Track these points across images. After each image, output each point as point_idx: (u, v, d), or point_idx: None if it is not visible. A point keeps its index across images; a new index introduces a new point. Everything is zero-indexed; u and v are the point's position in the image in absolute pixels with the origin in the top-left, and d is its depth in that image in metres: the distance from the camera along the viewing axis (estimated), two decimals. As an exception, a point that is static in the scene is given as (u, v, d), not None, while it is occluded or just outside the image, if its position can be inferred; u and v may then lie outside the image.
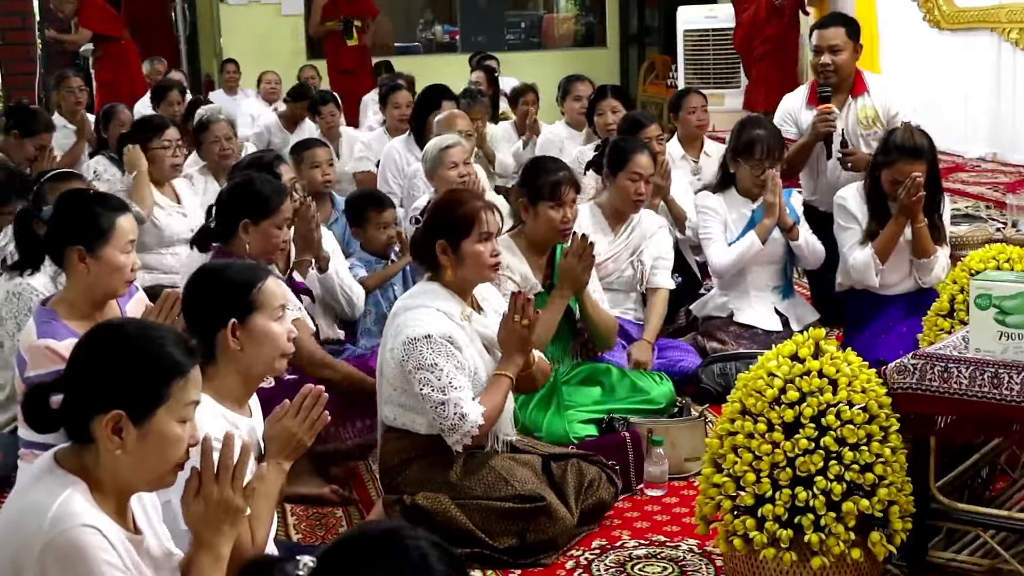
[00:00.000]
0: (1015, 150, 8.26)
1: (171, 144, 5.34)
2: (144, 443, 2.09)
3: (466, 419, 3.35)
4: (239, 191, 4.02)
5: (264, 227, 3.91)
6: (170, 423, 2.11)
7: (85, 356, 2.15)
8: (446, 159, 5.14)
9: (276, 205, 3.93)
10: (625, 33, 14.07)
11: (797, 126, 5.37)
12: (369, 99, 9.91)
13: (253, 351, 2.71)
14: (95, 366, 2.12)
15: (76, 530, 1.98)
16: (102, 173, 6.59)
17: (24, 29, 9.86)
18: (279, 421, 2.66)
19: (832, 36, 5.24)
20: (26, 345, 3.23)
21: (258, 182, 4.04)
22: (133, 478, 2.12)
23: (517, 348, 3.50)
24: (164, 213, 5.28)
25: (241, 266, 2.84)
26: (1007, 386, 2.81)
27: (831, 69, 5.22)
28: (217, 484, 2.21)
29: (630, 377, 4.32)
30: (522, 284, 4.16)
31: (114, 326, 2.24)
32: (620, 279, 4.80)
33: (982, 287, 2.91)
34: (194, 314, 2.78)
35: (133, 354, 2.11)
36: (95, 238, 3.26)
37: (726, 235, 4.96)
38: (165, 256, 5.25)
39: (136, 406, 2.08)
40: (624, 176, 4.67)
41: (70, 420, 2.11)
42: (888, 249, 4.57)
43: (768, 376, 2.95)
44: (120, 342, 2.14)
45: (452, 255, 3.48)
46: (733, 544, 2.94)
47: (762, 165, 4.86)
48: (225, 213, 3.97)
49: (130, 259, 3.32)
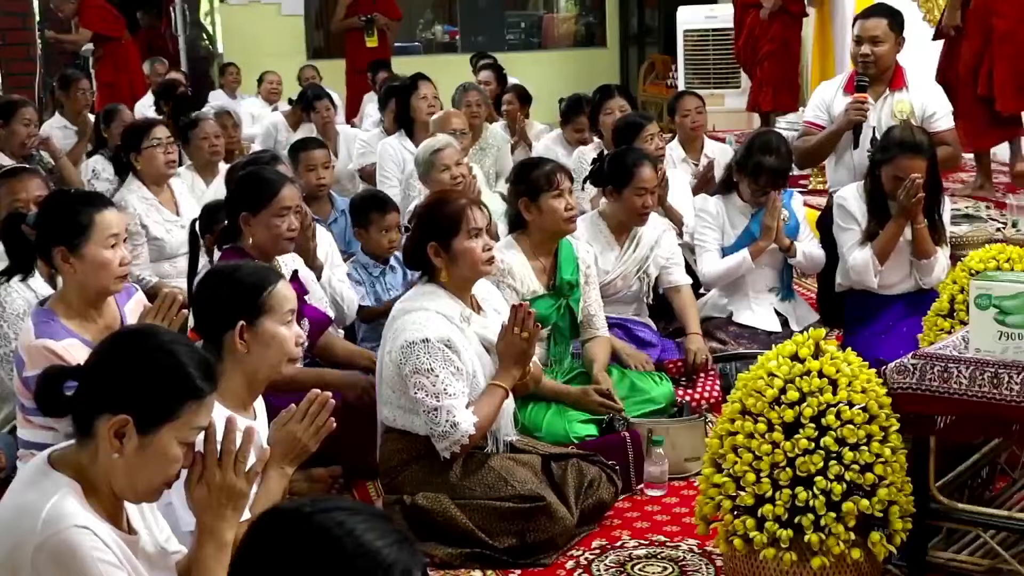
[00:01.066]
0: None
1: (161, 142, 5.31)
2: (142, 454, 2.08)
3: (457, 428, 3.35)
4: (235, 185, 4.02)
5: (263, 218, 3.88)
6: (172, 442, 2.10)
7: (109, 353, 2.15)
8: (438, 162, 5.14)
9: (272, 193, 3.88)
10: (625, 33, 14.08)
11: (829, 114, 5.30)
12: (368, 99, 9.93)
13: (259, 354, 2.71)
14: (117, 365, 2.11)
15: (69, 531, 1.98)
16: (100, 172, 6.62)
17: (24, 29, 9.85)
18: (284, 426, 2.66)
19: (873, 27, 5.17)
20: (24, 345, 3.23)
21: (253, 174, 4.03)
22: (122, 484, 2.11)
23: (515, 361, 3.49)
24: (162, 229, 5.25)
25: (252, 268, 2.83)
26: (1007, 386, 2.81)
27: (871, 60, 5.14)
28: (220, 468, 2.21)
29: (630, 377, 4.32)
30: (521, 288, 4.14)
31: (147, 332, 2.22)
32: (628, 294, 4.78)
33: (982, 287, 2.90)
34: (203, 314, 2.77)
35: (156, 364, 2.10)
36: (76, 236, 3.24)
37: (722, 240, 4.94)
38: (163, 266, 5.26)
39: (145, 415, 2.07)
40: (630, 192, 4.60)
41: (79, 411, 2.11)
42: (888, 250, 4.56)
43: (768, 376, 2.95)
44: (147, 349, 2.13)
45: (445, 255, 3.48)
46: (733, 544, 2.94)
47: (765, 191, 4.85)
48: (229, 210, 3.97)
49: (116, 254, 3.28)
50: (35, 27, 10.23)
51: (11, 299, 3.69)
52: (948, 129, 5.18)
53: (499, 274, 4.06)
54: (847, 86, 5.29)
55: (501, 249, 4.14)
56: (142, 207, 5.24)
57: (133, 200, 5.23)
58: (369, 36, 11.01)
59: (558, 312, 4.22)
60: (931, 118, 5.12)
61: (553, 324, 4.22)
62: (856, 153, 5.18)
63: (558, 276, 4.23)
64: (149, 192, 5.30)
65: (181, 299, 3.30)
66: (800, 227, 5.00)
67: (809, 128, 5.41)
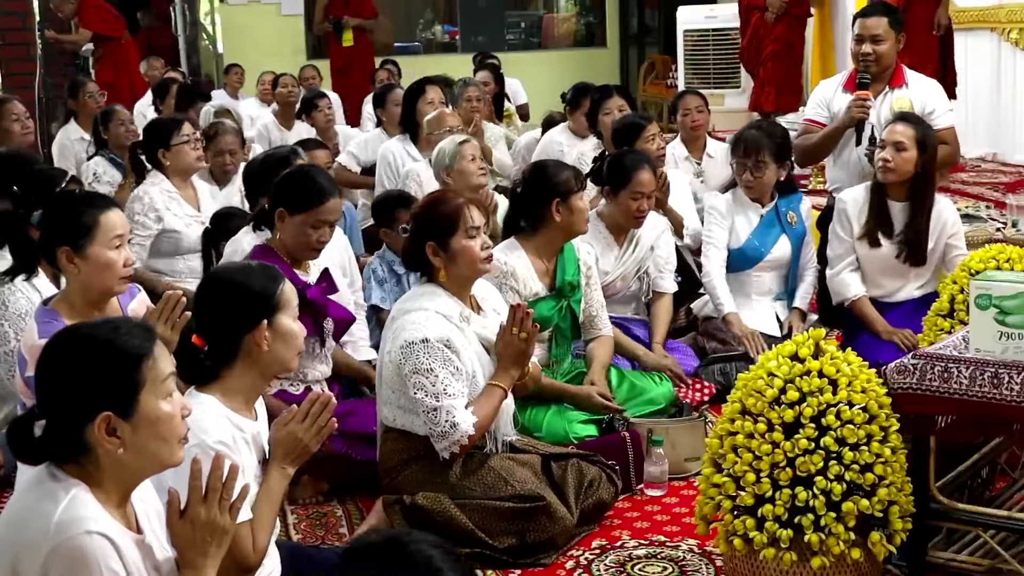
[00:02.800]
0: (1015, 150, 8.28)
1: (190, 138, 5.31)
2: (139, 432, 2.08)
3: (457, 428, 3.35)
4: (288, 179, 3.97)
5: (297, 221, 3.85)
6: (156, 403, 2.10)
7: (48, 376, 2.12)
8: (464, 152, 5.15)
9: (318, 202, 3.84)
10: (625, 33, 14.09)
11: (830, 111, 5.31)
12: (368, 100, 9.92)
13: (277, 350, 2.72)
14: (63, 381, 2.09)
15: (82, 537, 1.98)
16: (102, 175, 6.56)
17: (24, 29, 9.85)
18: (286, 426, 2.66)
19: (874, 25, 5.18)
20: (27, 345, 3.24)
21: (308, 174, 3.97)
22: (142, 467, 2.11)
23: (514, 361, 3.50)
24: (182, 223, 5.22)
25: (261, 269, 2.83)
26: (1007, 386, 2.81)
27: (872, 58, 5.15)
28: (205, 505, 2.20)
29: (629, 378, 4.32)
30: (524, 290, 4.15)
31: (64, 337, 2.18)
32: (627, 295, 4.80)
33: (982, 287, 2.91)
34: (215, 318, 2.75)
35: (93, 354, 2.09)
36: (80, 236, 3.26)
37: (730, 239, 4.95)
38: (177, 262, 5.23)
39: (117, 401, 2.07)
40: (626, 195, 4.62)
41: (62, 440, 2.08)
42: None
43: (768, 376, 2.96)
44: (77, 348, 2.11)
45: (443, 255, 3.48)
46: (733, 544, 2.94)
47: (744, 163, 4.87)
48: (273, 197, 3.94)
49: (120, 255, 3.30)
50: (35, 27, 10.22)
51: (15, 298, 3.70)
52: (947, 127, 5.18)
53: (502, 276, 4.06)
54: (847, 84, 5.29)
55: (504, 251, 4.15)
56: (163, 199, 5.20)
57: (154, 192, 5.19)
58: (339, 37, 11.11)
59: (560, 313, 4.22)
60: (930, 115, 5.11)
61: (555, 325, 4.23)
62: (858, 151, 5.18)
63: (560, 277, 4.23)
64: (172, 186, 5.27)
65: (185, 301, 3.31)
66: (806, 235, 5.00)
67: (809, 126, 5.40)
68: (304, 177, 3.95)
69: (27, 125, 6.55)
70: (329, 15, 11.26)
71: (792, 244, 4.94)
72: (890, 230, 4.58)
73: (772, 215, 4.94)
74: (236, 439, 2.60)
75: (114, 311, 3.41)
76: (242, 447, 2.61)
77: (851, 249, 4.66)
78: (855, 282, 4.66)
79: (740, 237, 4.94)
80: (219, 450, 2.43)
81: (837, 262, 4.69)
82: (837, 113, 5.23)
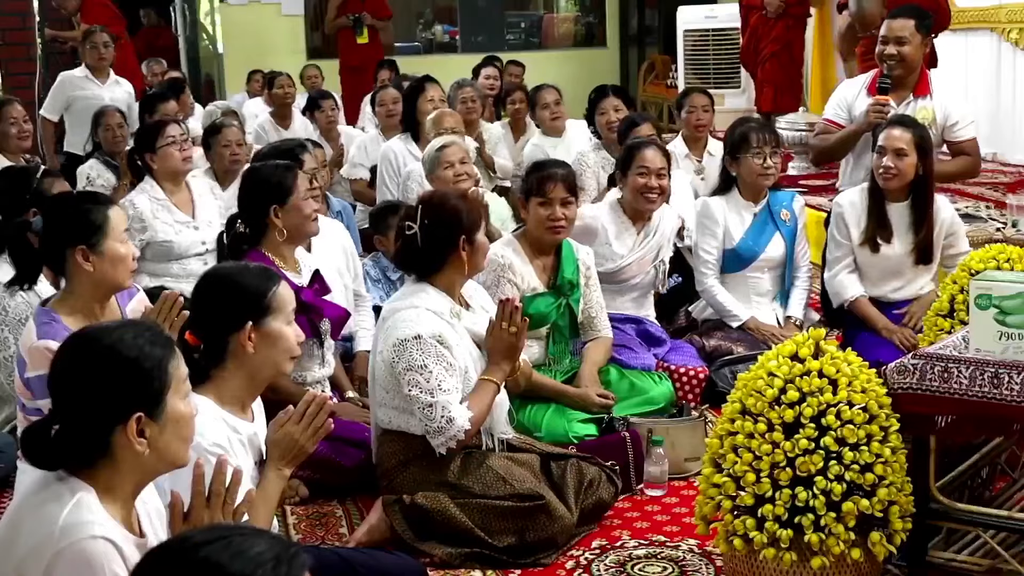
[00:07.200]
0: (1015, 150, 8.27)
1: (176, 139, 5.20)
2: (165, 432, 2.09)
3: (453, 423, 3.36)
4: (256, 182, 4.02)
5: (293, 203, 3.94)
6: (178, 403, 2.11)
7: (74, 380, 2.08)
8: (442, 159, 5.14)
9: (292, 180, 3.97)
10: (625, 33, 14.08)
11: (850, 113, 5.28)
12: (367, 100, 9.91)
13: (265, 354, 2.71)
14: (92, 385, 2.06)
15: (87, 541, 1.97)
16: (95, 179, 6.46)
17: (24, 29, 9.86)
18: (282, 427, 2.66)
19: (900, 27, 5.14)
20: (26, 346, 3.23)
21: (266, 168, 4.07)
22: (157, 467, 2.12)
23: (504, 355, 3.52)
24: (171, 231, 5.12)
25: (256, 270, 2.83)
26: (1007, 386, 2.81)
27: (896, 60, 5.11)
28: (208, 509, 2.20)
29: (629, 377, 4.33)
30: (522, 284, 4.16)
31: (86, 342, 2.14)
32: (643, 282, 4.81)
33: (982, 287, 2.91)
34: (206, 316, 2.76)
35: (124, 357, 2.07)
36: (93, 234, 3.27)
37: (724, 243, 4.94)
38: (171, 266, 5.14)
39: (149, 402, 2.07)
40: (633, 172, 4.70)
41: (85, 443, 2.06)
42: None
43: (768, 376, 2.96)
44: (106, 352, 2.08)
45: (468, 248, 3.54)
46: (733, 544, 2.94)
47: (763, 151, 4.85)
48: (251, 211, 3.98)
49: (129, 248, 3.34)
50: (35, 27, 10.24)
51: (14, 303, 3.72)
52: (970, 139, 5.16)
53: (500, 269, 4.09)
54: (870, 87, 5.25)
55: (501, 246, 4.17)
56: (150, 208, 5.10)
57: (141, 201, 5.09)
58: (359, 35, 11.06)
59: (558, 311, 4.23)
60: (953, 127, 5.10)
61: (553, 323, 4.23)
62: (874, 154, 5.17)
63: (559, 275, 4.24)
64: (162, 192, 5.17)
65: (183, 301, 3.31)
66: (798, 235, 5.00)
67: (827, 126, 5.37)
68: (270, 168, 4.06)
69: (25, 129, 6.49)
70: (346, 13, 11.20)
71: (786, 242, 4.94)
72: (889, 233, 4.58)
73: (765, 213, 4.93)
74: (231, 441, 2.60)
75: (113, 311, 3.41)
76: (238, 449, 2.61)
77: (848, 251, 4.66)
78: (852, 283, 4.67)
79: (734, 237, 4.94)
80: (215, 452, 2.43)
81: (835, 264, 4.70)
82: (857, 115, 5.20)
